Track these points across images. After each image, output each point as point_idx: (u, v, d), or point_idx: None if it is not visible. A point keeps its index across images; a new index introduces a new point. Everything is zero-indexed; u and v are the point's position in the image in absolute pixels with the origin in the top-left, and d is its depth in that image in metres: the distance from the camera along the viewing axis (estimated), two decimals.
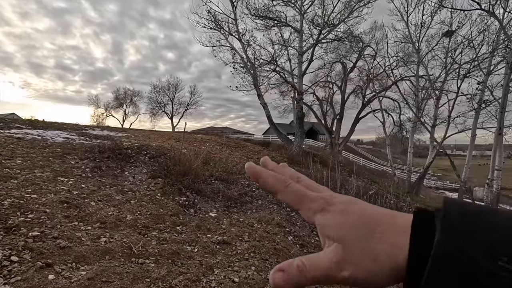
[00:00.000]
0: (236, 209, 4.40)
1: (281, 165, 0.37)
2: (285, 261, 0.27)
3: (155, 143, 7.74)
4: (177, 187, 4.41)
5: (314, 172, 8.78)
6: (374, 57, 18.78)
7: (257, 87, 12.96)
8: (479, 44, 11.05)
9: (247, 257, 2.89)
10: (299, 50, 13.20)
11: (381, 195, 7.91)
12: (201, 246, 2.91)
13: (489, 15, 9.84)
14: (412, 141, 16.75)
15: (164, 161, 5.66)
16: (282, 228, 3.98)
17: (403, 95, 16.14)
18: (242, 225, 3.74)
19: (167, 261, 2.46)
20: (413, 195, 13.46)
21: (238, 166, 7.58)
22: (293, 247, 3.45)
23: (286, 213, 4.85)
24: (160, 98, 39.86)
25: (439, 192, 30.74)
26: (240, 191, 5.24)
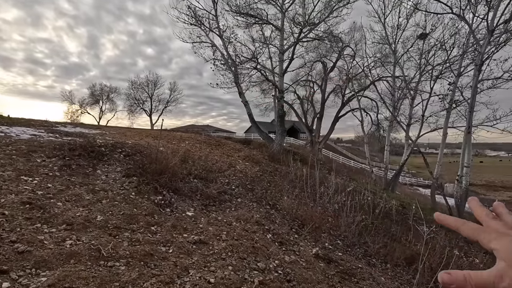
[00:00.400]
0: (215, 208, 4.31)
1: (494, 205, 0.44)
2: (454, 270, 0.36)
3: (131, 140, 7.46)
4: (153, 186, 4.26)
5: (294, 170, 8.82)
6: (353, 57, 19.19)
7: (238, 84, 12.85)
8: (450, 47, 11.57)
9: (225, 257, 2.81)
10: (280, 49, 13.21)
11: (359, 192, 8.07)
12: (176, 247, 2.80)
13: (460, 19, 10.30)
14: (388, 140, 17.30)
15: (140, 159, 5.45)
16: (261, 226, 3.94)
17: (380, 95, 16.63)
18: (220, 224, 3.66)
19: (139, 263, 2.34)
20: (389, 192, 13.91)
21: (218, 164, 7.46)
22: (272, 245, 3.42)
23: (266, 210, 4.83)
24: (138, 94, 38.66)
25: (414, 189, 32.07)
26: (219, 189, 5.15)
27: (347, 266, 3.47)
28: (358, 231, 4.94)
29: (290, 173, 8.81)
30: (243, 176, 7.11)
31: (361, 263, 3.89)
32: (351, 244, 4.48)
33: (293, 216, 4.92)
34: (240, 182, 6.46)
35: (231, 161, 8.56)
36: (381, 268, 4.01)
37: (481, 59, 8.65)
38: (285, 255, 3.28)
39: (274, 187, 6.82)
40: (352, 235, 4.77)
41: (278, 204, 5.53)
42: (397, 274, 3.95)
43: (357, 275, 3.31)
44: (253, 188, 6.16)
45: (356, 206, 6.57)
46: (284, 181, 7.79)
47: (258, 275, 2.62)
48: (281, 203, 5.50)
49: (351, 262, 3.72)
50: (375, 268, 3.93)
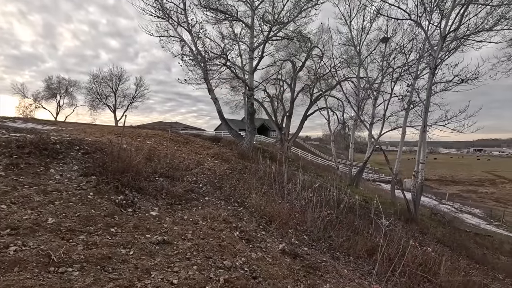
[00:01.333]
0: (181, 207, 4.19)
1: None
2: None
3: (91, 137, 7.00)
4: (114, 185, 4.02)
5: (264, 167, 8.89)
6: (321, 58, 19.78)
7: (208, 81, 12.63)
8: (408, 51, 12.37)
9: (190, 256, 2.74)
10: (250, 46, 13.19)
11: (325, 188, 8.35)
12: (138, 248, 2.67)
13: (417, 26, 11.04)
14: (353, 138, 18.10)
15: (100, 157, 5.12)
16: (228, 224, 3.90)
17: (346, 95, 17.31)
18: (186, 223, 3.56)
19: (95, 267, 2.19)
20: (354, 188, 14.59)
21: (185, 162, 7.28)
22: (239, 243, 3.40)
23: (233, 208, 4.80)
24: (101, 89, 36.38)
25: (376, 184, 33.97)
26: (186, 188, 5.02)
27: (312, 260, 3.56)
28: (323, 226, 5.10)
29: (259, 170, 8.86)
30: (211, 174, 7.01)
31: (325, 256, 4.02)
32: (317, 238, 4.62)
33: (261, 213, 4.95)
34: (208, 180, 6.36)
35: (199, 159, 8.40)
36: (344, 261, 4.18)
37: (435, 64, 9.35)
38: (252, 252, 3.28)
39: (243, 185, 6.80)
40: (318, 230, 4.91)
41: (247, 201, 5.52)
42: (358, 266, 4.14)
43: (321, 269, 3.41)
44: (222, 186, 6.09)
45: (322, 201, 6.78)
46: (253, 179, 7.81)
47: (223, 274, 2.58)
48: (250, 201, 5.50)
49: (316, 256, 3.82)
50: (338, 261, 4.09)
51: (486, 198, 32.61)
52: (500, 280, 6.91)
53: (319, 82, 21.62)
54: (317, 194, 7.03)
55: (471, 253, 8.57)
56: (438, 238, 8.85)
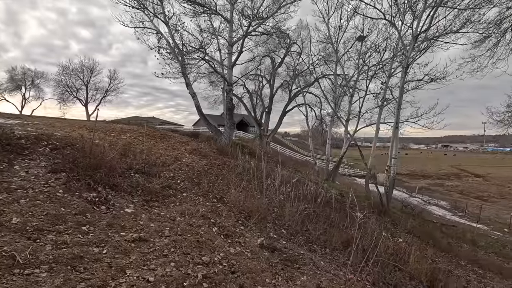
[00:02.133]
0: (158, 203, 4.10)
1: None
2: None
3: (60, 132, 6.63)
4: (86, 182, 3.85)
5: (243, 163, 8.89)
6: (300, 54, 20.00)
7: (185, 75, 12.37)
8: (383, 50, 12.82)
9: (167, 253, 2.69)
10: (229, 41, 13.04)
11: (303, 183, 8.50)
12: (112, 246, 2.58)
13: (391, 26, 11.45)
14: (330, 134, 18.53)
15: (70, 153, 4.88)
16: (207, 220, 3.87)
17: (323, 91, 17.65)
18: (163, 219, 3.49)
19: (65, 267, 2.09)
20: (330, 182, 14.98)
21: (162, 158, 7.10)
22: (218, 238, 3.39)
23: (212, 204, 4.76)
24: (71, 81, 34.51)
25: (351, 179, 35.11)
26: (163, 184, 4.91)
27: (290, 254, 3.62)
28: (301, 219, 5.21)
29: (238, 166, 8.84)
30: (189, 170, 6.90)
31: (303, 249, 4.10)
32: (295, 232, 4.70)
33: (240, 208, 4.95)
34: (186, 176, 6.26)
35: (177, 154, 8.23)
36: (321, 253, 4.30)
37: (407, 62, 9.77)
38: (231, 247, 3.28)
39: (221, 180, 6.76)
40: (296, 223, 5.00)
41: (225, 197, 5.50)
42: (334, 257, 4.27)
43: (299, 261, 3.48)
44: (200, 182, 6.02)
45: (300, 196, 6.90)
46: (232, 174, 7.79)
47: (202, 269, 2.57)
48: (228, 196, 5.49)
49: (294, 249, 3.89)
50: (315, 254, 4.19)
51: (451, 191, 34.78)
52: (462, 266, 7.43)
53: (298, 78, 21.86)
54: (295, 189, 7.14)
55: (437, 242, 9.12)
56: (408, 229, 9.33)
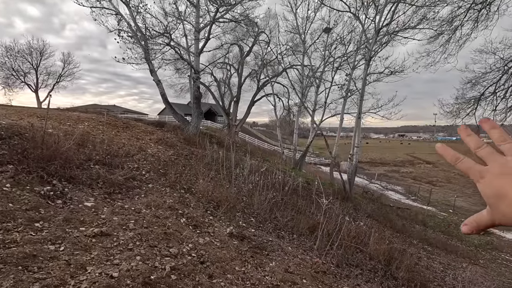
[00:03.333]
0: (121, 196, 3.90)
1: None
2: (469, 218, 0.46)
3: (6, 120, 5.98)
4: (38, 175, 3.53)
5: (211, 153, 8.77)
6: (268, 44, 19.93)
7: (149, 61, 11.73)
8: (348, 42, 13.24)
9: (132, 247, 2.58)
10: (195, 26, 12.57)
11: (271, 171, 8.63)
12: (70, 243, 2.41)
13: (355, 19, 11.82)
14: (297, 124, 18.95)
15: (19, 143, 4.42)
16: (174, 211, 3.78)
17: (291, 82, 17.88)
18: (127, 212, 3.33)
19: (15, 268, 1.91)
20: (297, 171, 15.41)
21: (125, 148, 6.75)
22: (186, 229, 3.32)
23: (180, 195, 4.65)
24: (17, 64, 31.06)
25: (317, 167, 36.49)
26: (126, 175, 4.67)
27: (259, 241, 3.68)
28: (270, 207, 5.30)
29: (206, 156, 8.71)
30: (155, 160, 6.65)
31: (271, 236, 4.19)
32: (263, 220, 4.78)
33: (209, 198, 4.90)
34: (152, 166, 6.02)
35: (141, 144, 7.87)
36: (289, 239, 4.43)
37: (369, 55, 10.20)
38: (200, 238, 3.24)
39: (189, 171, 6.62)
40: (264, 211, 5.08)
41: (194, 187, 5.40)
42: (301, 243, 4.43)
43: (268, 248, 3.56)
44: (167, 173, 5.83)
45: (268, 185, 7.01)
46: (200, 164, 7.65)
47: (170, 261, 2.51)
48: (197, 186, 5.39)
49: (263, 236, 3.96)
50: (283, 240, 4.31)
51: (406, 177, 37.71)
52: (415, 245, 8.17)
53: (266, 68, 21.87)
54: (264, 178, 7.24)
55: (393, 224, 9.89)
56: (369, 213, 9.98)
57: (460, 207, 21.34)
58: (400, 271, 4.49)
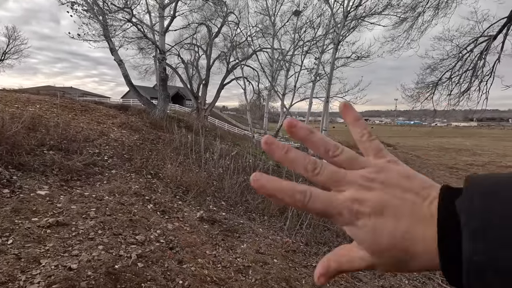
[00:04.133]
0: (80, 183, 3.62)
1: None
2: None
3: None
4: None
5: (179, 137, 8.48)
6: (237, 25, 19.36)
7: (109, 39, 10.83)
8: (317, 26, 13.29)
9: (93, 236, 2.41)
10: (160, 2, 11.77)
11: (241, 155, 8.61)
12: (20, 235, 2.18)
13: (325, 2, 11.83)
14: (267, 107, 18.99)
15: None
16: (140, 197, 3.60)
17: (261, 65, 17.70)
18: (88, 200, 3.10)
19: None
20: None
21: (84, 133, 6.26)
22: (153, 215, 3.19)
23: (146, 180, 4.44)
24: None
25: None
26: (86, 161, 4.34)
27: (230, 224, 3.66)
28: (241, 191, 5.29)
29: (174, 140, 8.41)
30: (118, 145, 6.26)
31: (242, 219, 4.19)
32: (234, 203, 4.76)
33: (177, 183, 4.75)
34: (115, 152, 5.67)
35: (103, 129, 7.36)
36: (260, 221, 4.47)
37: (338, 39, 10.34)
38: (168, 223, 3.13)
39: (156, 155, 6.35)
40: (235, 195, 5.06)
41: (161, 172, 5.19)
42: (272, 224, 4.50)
43: (239, 231, 3.55)
44: (132, 158, 5.53)
45: (239, 168, 6.98)
46: (168, 149, 7.38)
47: (136, 249, 2.39)
48: (165, 171, 5.19)
49: (234, 219, 3.95)
50: (254, 222, 4.34)
51: None
52: None
53: (236, 50, 21.36)
54: (234, 162, 7.19)
55: None
56: None
57: None
58: None
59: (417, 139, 62.11)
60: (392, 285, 3.83)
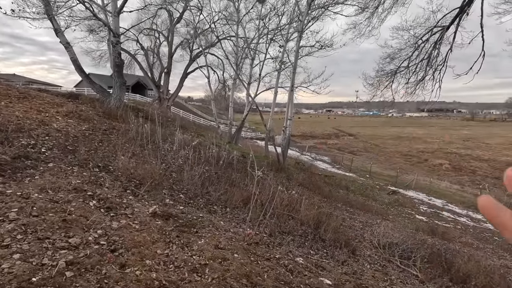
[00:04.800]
0: (3, 179, 3.05)
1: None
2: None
3: None
4: None
5: (136, 127, 7.85)
6: (200, 11, 18.49)
7: (52, 17, 9.61)
8: (282, 14, 13.07)
9: (9, 242, 1.97)
10: None
11: (204, 146, 8.22)
12: None
13: None
14: (232, 97, 18.58)
15: None
16: (81, 192, 3.13)
17: (225, 52, 17.16)
18: (9, 199, 2.59)
19: None
20: (233, 145, 15.29)
21: (18, 122, 5.44)
22: (95, 213, 2.77)
23: (92, 174, 3.93)
24: None
25: (253, 142, 37.26)
26: (15, 154, 3.72)
27: (188, 218, 3.35)
28: (201, 182, 4.97)
29: (131, 130, 7.76)
30: (62, 135, 5.55)
31: (202, 212, 3.91)
32: (194, 196, 4.44)
33: (130, 176, 4.30)
34: (57, 143, 5.00)
35: (43, 118, 6.51)
36: (222, 213, 4.22)
37: (302, 27, 10.24)
38: (113, 222, 2.75)
39: (107, 147, 5.76)
40: (196, 187, 4.74)
41: (112, 165, 4.68)
42: (235, 216, 4.27)
43: (197, 225, 3.26)
44: (76, 149, 4.92)
45: (201, 159, 6.63)
46: (122, 140, 6.77)
47: (67, 255, 2.00)
48: (116, 164, 4.69)
49: (193, 213, 3.64)
50: (216, 214, 4.07)
51: (332, 148, 41.48)
52: (339, 208, 8.97)
53: (199, 37, 20.48)
54: (197, 153, 6.81)
55: (322, 191, 10.69)
56: (300, 182, 10.53)
57: (374, 172, 24.54)
58: (327, 233, 4.75)
59: (376, 129, 66.03)
60: (355, 271, 3.83)
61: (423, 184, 21.11)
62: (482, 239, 9.81)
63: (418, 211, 13.14)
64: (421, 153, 37.00)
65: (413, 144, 44.56)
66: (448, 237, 8.28)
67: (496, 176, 26.34)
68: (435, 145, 43.20)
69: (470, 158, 33.53)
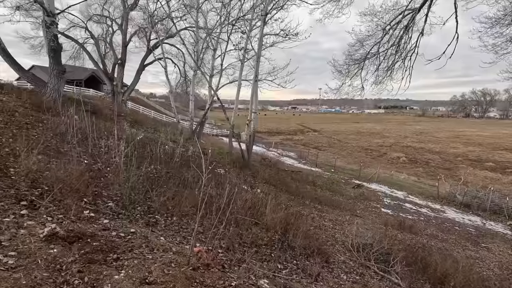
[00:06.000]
0: None
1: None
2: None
3: None
4: None
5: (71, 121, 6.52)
6: None
7: None
8: None
9: None
10: None
11: (157, 141, 7.14)
12: None
13: None
14: (193, 90, 17.39)
15: None
16: None
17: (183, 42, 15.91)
18: None
19: None
20: (194, 141, 14.17)
21: None
22: None
23: None
24: None
25: (219, 138, 36.11)
26: None
27: (108, 239, 2.39)
28: (143, 185, 3.99)
29: (62, 124, 6.42)
30: None
31: (136, 225, 2.96)
32: (130, 203, 3.45)
33: (37, 181, 3.18)
34: None
35: None
36: (165, 225, 3.29)
37: (265, 12, 9.49)
38: None
39: (20, 143, 4.49)
40: (135, 191, 3.74)
41: (15, 165, 3.50)
42: (182, 227, 3.37)
43: (120, 247, 2.32)
44: None
45: (148, 156, 5.60)
46: (47, 135, 5.49)
47: None
48: (20, 164, 3.51)
49: (120, 229, 2.69)
50: (156, 227, 3.14)
51: (298, 144, 41.78)
52: (307, 205, 8.42)
53: (156, 26, 18.84)
54: (141, 149, 5.76)
55: (289, 188, 10.11)
56: (266, 179, 9.85)
57: (339, 166, 24.87)
58: (297, 239, 4.07)
59: (338, 125, 68.32)
60: (331, 286, 3.16)
61: (384, 177, 21.77)
62: (445, 229, 9.98)
63: (383, 204, 13.22)
64: (380, 147, 38.70)
65: (372, 138, 46.64)
66: (415, 231, 8.16)
67: (446, 167, 28.28)
68: (392, 139, 45.61)
69: (423, 151, 35.76)
